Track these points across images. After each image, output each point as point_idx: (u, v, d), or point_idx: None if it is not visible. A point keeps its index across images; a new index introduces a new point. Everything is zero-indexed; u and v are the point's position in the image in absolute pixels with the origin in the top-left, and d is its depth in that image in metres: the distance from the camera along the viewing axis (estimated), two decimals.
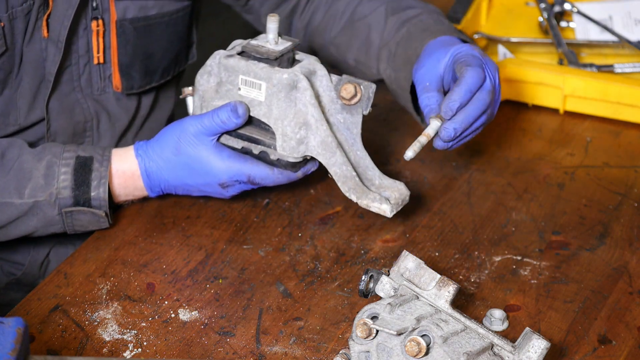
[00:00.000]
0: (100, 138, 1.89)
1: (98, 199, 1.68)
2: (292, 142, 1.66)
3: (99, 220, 1.71)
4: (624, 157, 1.97)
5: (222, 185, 1.70)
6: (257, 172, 1.69)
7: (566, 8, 2.25)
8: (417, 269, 1.47)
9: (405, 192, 1.70)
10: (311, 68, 1.68)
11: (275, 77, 1.65)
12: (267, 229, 1.78)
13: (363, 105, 1.69)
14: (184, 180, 1.71)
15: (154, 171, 1.71)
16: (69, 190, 1.67)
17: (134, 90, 1.88)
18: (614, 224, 1.80)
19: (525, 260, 1.72)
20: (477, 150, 1.98)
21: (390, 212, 1.66)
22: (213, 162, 1.68)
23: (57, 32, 1.74)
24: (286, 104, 1.65)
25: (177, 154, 1.69)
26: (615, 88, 2.02)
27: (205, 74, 1.71)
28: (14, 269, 1.95)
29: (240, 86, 1.67)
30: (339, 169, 1.67)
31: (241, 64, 1.67)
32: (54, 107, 1.81)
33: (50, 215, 1.69)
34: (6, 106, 1.76)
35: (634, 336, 1.59)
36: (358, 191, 1.67)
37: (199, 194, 1.75)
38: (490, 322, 1.59)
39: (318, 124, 1.66)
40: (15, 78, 1.75)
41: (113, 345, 1.55)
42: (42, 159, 1.69)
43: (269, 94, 1.66)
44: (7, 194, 1.67)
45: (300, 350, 1.55)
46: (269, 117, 1.67)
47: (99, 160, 1.69)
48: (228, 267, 1.70)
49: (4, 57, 1.72)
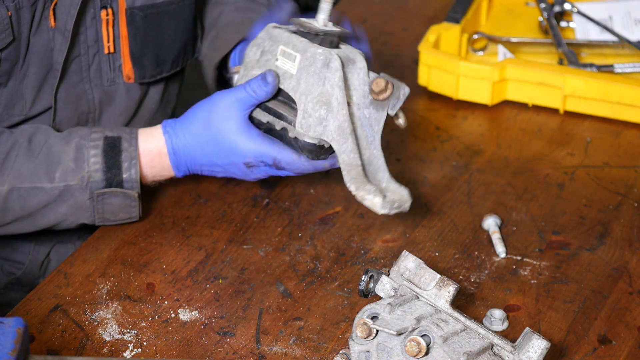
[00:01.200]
0: None
1: (130, 180, 1.68)
2: (310, 120, 1.64)
3: (130, 205, 1.70)
4: (624, 157, 1.97)
5: (247, 165, 1.68)
6: (284, 156, 1.67)
7: (566, 8, 2.25)
8: (417, 269, 1.47)
9: (406, 199, 1.65)
10: (351, 56, 1.66)
11: (310, 50, 1.64)
12: (267, 229, 1.78)
13: (390, 104, 1.67)
14: (210, 158, 1.70)
15: (180, 148, 1.70)
16: (101, 173, 1.67)
17: (146, 79, 1.88)
18: (614, 224, 1.80)
19: (525, 260, 1.72)
20: (477, 150, 1.98)
21: (381, 208, 1.61)
22: (241, 140, 1.67)
23: (63, 22, 1.74)
24: (314, 80, 1.64)
25: (206, 128, 1.68)
26: (615, 88, 2.02)
27: (255, 45, 1.71)
28: (14, 269, 1.95)
29: (279, 56, 1.67)
30: (347, 157, 1.65)
31: (284, 34, 1.67)
32: (62, 97, 1.81)
33: (80, 200, 1.68)
34: (11, 97, 1.76)
35: (634, 336, 1.59)
36: (358, 181, 1.63)
37: (224, 175, 1.73)
38: (490, 322, 1.59)
39: (339, 107, 1.63)
40: (20, 69, 1.75)
41: (113, 345, 1.55)
42: (70, 142, 1.68)
43: (300, 67, 1.64)
44: (37, 178, 1.66)
45: (300, 350, 1.55)
46: (296, 91, 1.65)
47: (127, 139, 1.69)
48: (228, 267, 1.70)
49: (10, 47, 1.71)
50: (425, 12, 2.43)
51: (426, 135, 2.02)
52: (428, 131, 2.03)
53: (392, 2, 2.47)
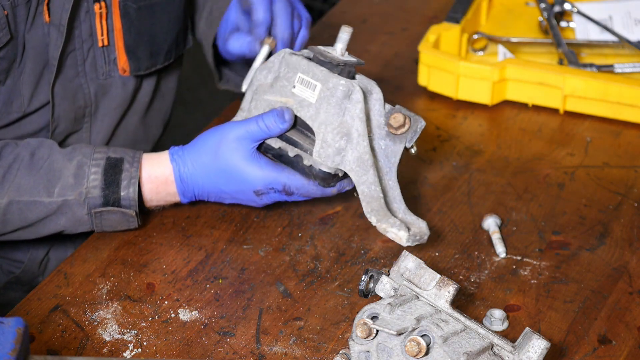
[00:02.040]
0: (97, 124, 1.89)
1: (128, 198, 1.68)
2: (329, 150, 1.64)
3: (128, 220, 1.70)
4: (624, 157, 1.97)
5: (257, 193, 1.69)
6: (293, 182, 1.67)
7: (566, 8, 2.25)
8: (417, 269, 1.47)
9: (425, 231, 1.67)
10: (368, 87, 1.67)
11: (332, 81, 1.64)
12: (267, 229, 1.78)
13: (408, 137, 1.68)
14: (218, 186, 1.70)
15: (188, 176, 1.70)
16: (99, 189, 1.67)
17: (141, 71, 1.88)
18: (614, 224, 1.80)
19: (525, 260, 1.72)
20: (477, 150, 1.98)
21: (406, 241, 1.63)
22: (250, 169, 1.67)
23: (58, 16, 1.74)
24: (335, 111, 1.64)
25: (215, 159, 1.68)
26: (615, 88, 2.02)
27: (266, 69, 1.72)
28: (13, 267, 1.96)
29: (296, 84, 1.67)
30: (368, 189, 1.66)
31: (303, 62, 1.67)
32: (58, 92, 1.81)
33: (79, 214, 1.68)
34: (9, 94, 1.77)
35: (634, 336, 1.59)
36: (380, 214, 1.65)
37: (231, 201, 1.73)
38: (490, 322, 1.59)
39: (360, 138, 1.64)
40: (18, 66, 1.75)
41: (113, 345, 1.55)
42: (72, 159, 1.69)
43: (321, 97, 1.65)
44: (36, 192, 1.67)
45: (300, 350, 1.55)
46: (314, 120, 1.65)
47: (129, 161, 1.69)
48: (228, 267, 1.70)
49: (8, 46, 1.72)
50: (425, 12, 2.43)
51: (426, 135, 2.02)
52: (428, 131, 2.03)
53: (392, 2, 2.47)
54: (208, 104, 3.76)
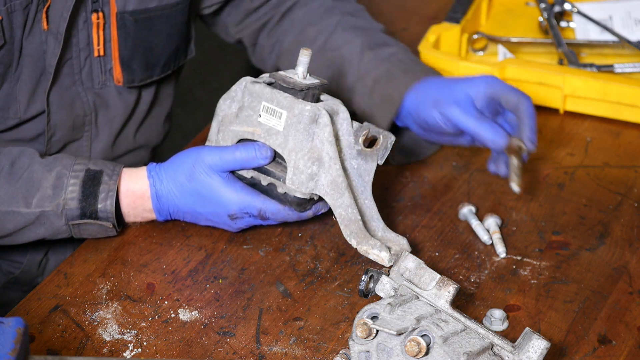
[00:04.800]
0: (99, 132, 1.89)
1: (105, 210, 1.68)
2: (302, 177, 1.64)
3: (106, 230, 1.70)
4: (624, 157, 1.97)
5: (231, 217, 1.69)
6: (269, 207, 1.67)
7: (566, 8, 2.25)
8: (417, 269, 1.47)
9: (406, 247, 1.67)
10: (335, 108, 1.66)
11: (298, 107, 1.63)
12: (267, 229, 1.78)
13: (379, 154, 1.68)
14: (193, 207, 1.70)
15: (164, 194, 1.70)
16: (76, 201, 1.67)
17: (135, 83, 1.88)
18: (614, 224, 1.80)
19: (525, 260, 1.72)
20: (477, 150, 1.98)
21: (388, 262, 1.63)
22: (225, 193, 1.67)
23: (56, 25, 1.74)
24: (303, 137, 1.63)
25: (190, 180, 1.68)
26: (615, 88, 2.02)
27: (229, 99, 1.70)
28: (12, 268, 1.95)
29: (261, 113, 1.65)
30: (344, 212, 1.65)
31: (266, 90, 1.65)
32: (55, 100, 1.81)
33: (57, 225, 1.68)
34: (6, 100, 1.77)
35: (634, 336, 1.59)
36: (359, 236, 1.64)
37: (206, 224, 1.73)
38: (490, 322, 1.59)
39: (331, 162, 1.64)
40: (14, 72, 1.75)
41: (113, 345, 1.55)
42: (52, 170, 1.68)
43: (288, 124, 1.63)
44: (14, 202, 1.67)
45: (300, 350, 1.55)
46: (283, 147, 1.64)
47: (108, 174, 1.69)
48: (228, 267, 1.70)
49: (3, 50, 1.72)
50: (425, 12, 2.43)
51: None
52: None
53: (392, 2, 2.47)
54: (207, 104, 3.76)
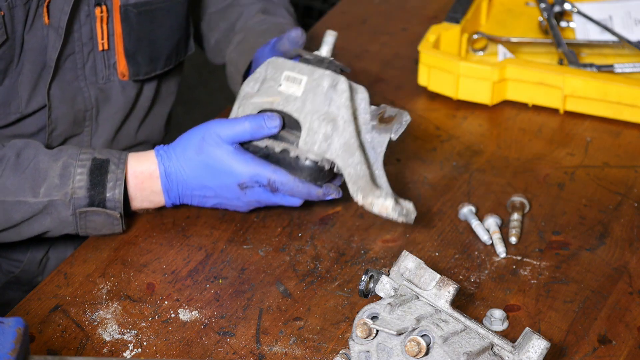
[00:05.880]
0: (99, 127, 1.89)
1: (113, 200, 1.68)
2: (315, 137, 1.66)
3: (112, 223, 1.70)
4: (624, 157, 1.97)
5: (241, 186, 1.69)
6: (278, 176, 1.68)
7: (566, 8, 2.25)
8: (417, 269, 1.47)
9: (412, 210, 1.66)
10: (354, 87, 1.69)
11: (318, 72, 1.67)
12: (267, 229, 1.78)
13: (394, 128, 1.69)
14: (203, 182, 1.70)
15: (172, 171, 1.70)
16: (85, 190, 1.67)
17: (140, 76, 1.88)
18: (614, 224, 1.80)
19: (525, 260, 1.72)
20: (477, 150, 1.98)
21: (392, 210, 1.63)
22: (235, 162, 1.68)
23: (57, 19, 1.75)
24: (320, 101, 1.66)
25: (199, 153, 1.69)
26: (615, 88, 2.02)
27: (252, 80, 1.73)
28: (12, 267, 1.96)
29: (282, 82, 1.69)
30: (354, 170, 1.66)
31: (288, 62, 1.70)
32: (56, 95, 1.81)
33: (64, 215, 1.68)
34: (7, 95, 1.77)
35: (634, 336, 1.59)
36: (366, 190, 1.65)
37: (215, 201, 1.73)
38: (490, 322, 1.59)
39: (346, 125, 1.66)
40: (16, 67, 1.75)
41: (113, 345, 1.55)
42: (58, 160, 1.69)
43: (307, 89, 1.67)
44: (21, 192, 1.67)
45: (300, 350, 1.55)
46: (300, 111, 1.67)
47: (115, 162, 1.69)
48: (228, 267, 1.70)
49: (4, 46, 1.72)
50: (425, 12, 2.43)
51: (426, 135, 2.02)
52: (428, 131, 2.03)
53: (392, 2, 2.47)
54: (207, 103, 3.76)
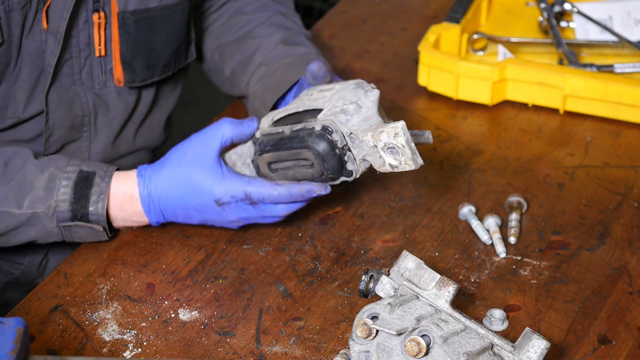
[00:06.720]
0: (98, 133, 1.89)
1: (96, 213, 1.68)
2: (335, 109, 1.65)
3: (97, 234, 1.70)
4: (624, 157, 1.97)
5: (218, 202, 1.68)
6: (255, 187, 1.67)
7: (566, 8, 2.25)
8: (417, 269, 1.47)
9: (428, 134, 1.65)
10: None
11: (349, 82, 1.70)
12: (267, 229, 1.78)
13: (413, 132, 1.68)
14: (182, 199, 1.69)
15: (152, 190, 1.70)
16: (67, 203, 1.67)
17: (136, 83, 1.88)
18: (614, 224, 1.80)
19: (525, 260, 1.72)
20: (477, 150, 1.98)
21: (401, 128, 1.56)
22: (208, 179, 1.67)
23: (56, 24, 1.74)
24: (349, 94, 1.67)
25: (178, 166, 1.69)
26: (615, 88, 2.02)
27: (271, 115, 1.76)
28: (12, 268, 1.95)
29: (314, 92, 1.72)
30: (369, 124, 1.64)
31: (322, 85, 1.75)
32: (53, 100, 1.81)
33: (48, 227, 1.68)
34: (4, 99, 1.76)
35: (634, 336, 1.59)
36: (378, 128, 1.61)
37: (199, 219, 1.72)
38: (490, 322, 1.59)
39: (369, 112, 1.65)
40: (13, 71, 1.75)
41: (113, 345, 1.55)
42: (44, 171, 1.68)
43: (337, 90, 1.69)
44: (6, 203, 1.67)
45: (300, 350, 1.55)
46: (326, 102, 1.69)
47: (101, 176, 1.69)
48: (228, 267, 1.70)
49: (0, 49, 1.71)
50: (425, 12, 2.43)
51: None
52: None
53: (392, 2, 2.47)
54: (208, 104, 3.76)
